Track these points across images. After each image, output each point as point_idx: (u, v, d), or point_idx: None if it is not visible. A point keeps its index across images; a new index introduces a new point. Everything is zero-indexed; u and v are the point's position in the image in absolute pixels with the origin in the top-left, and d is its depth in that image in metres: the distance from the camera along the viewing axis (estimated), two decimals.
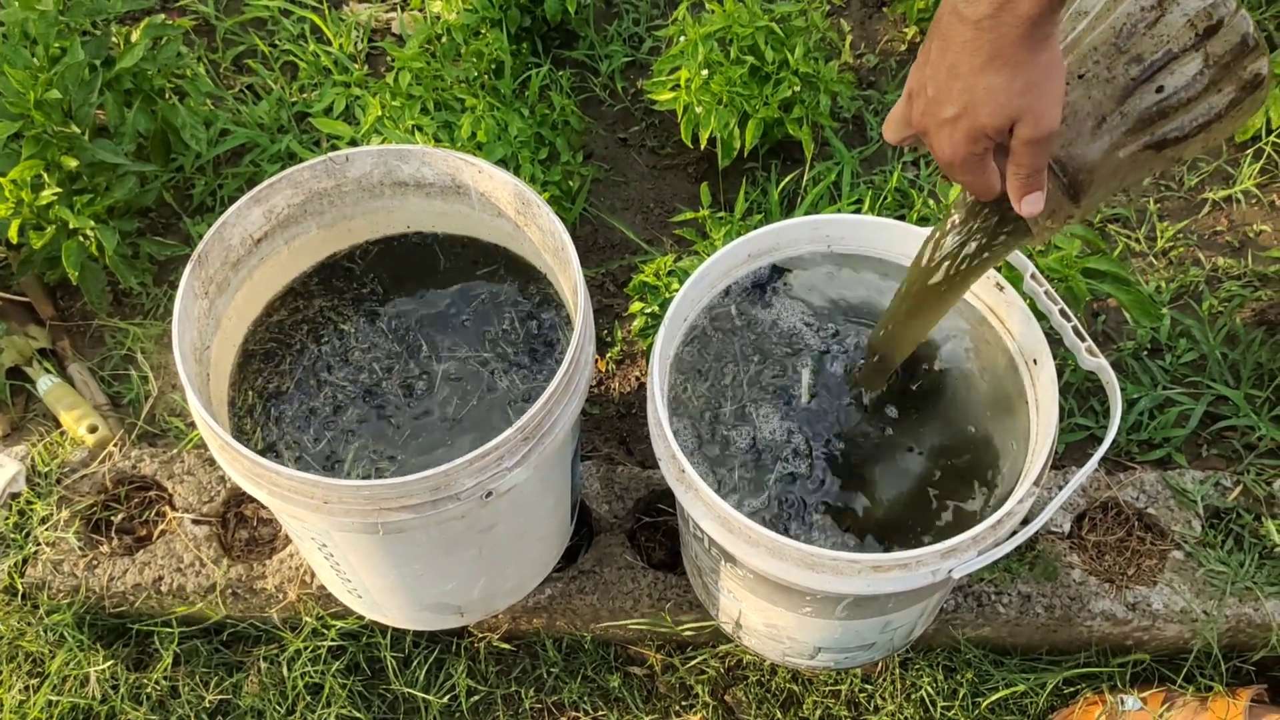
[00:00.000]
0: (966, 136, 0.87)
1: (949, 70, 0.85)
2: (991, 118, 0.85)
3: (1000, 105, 0.84)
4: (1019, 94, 0.84)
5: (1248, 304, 1.75)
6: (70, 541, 1.53)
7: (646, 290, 1.60)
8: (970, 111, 0.85)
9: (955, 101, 0.85)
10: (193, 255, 1.20)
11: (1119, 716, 1.42)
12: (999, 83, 0.83)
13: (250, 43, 2.09)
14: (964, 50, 0.83)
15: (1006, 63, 0.83)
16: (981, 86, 0.84)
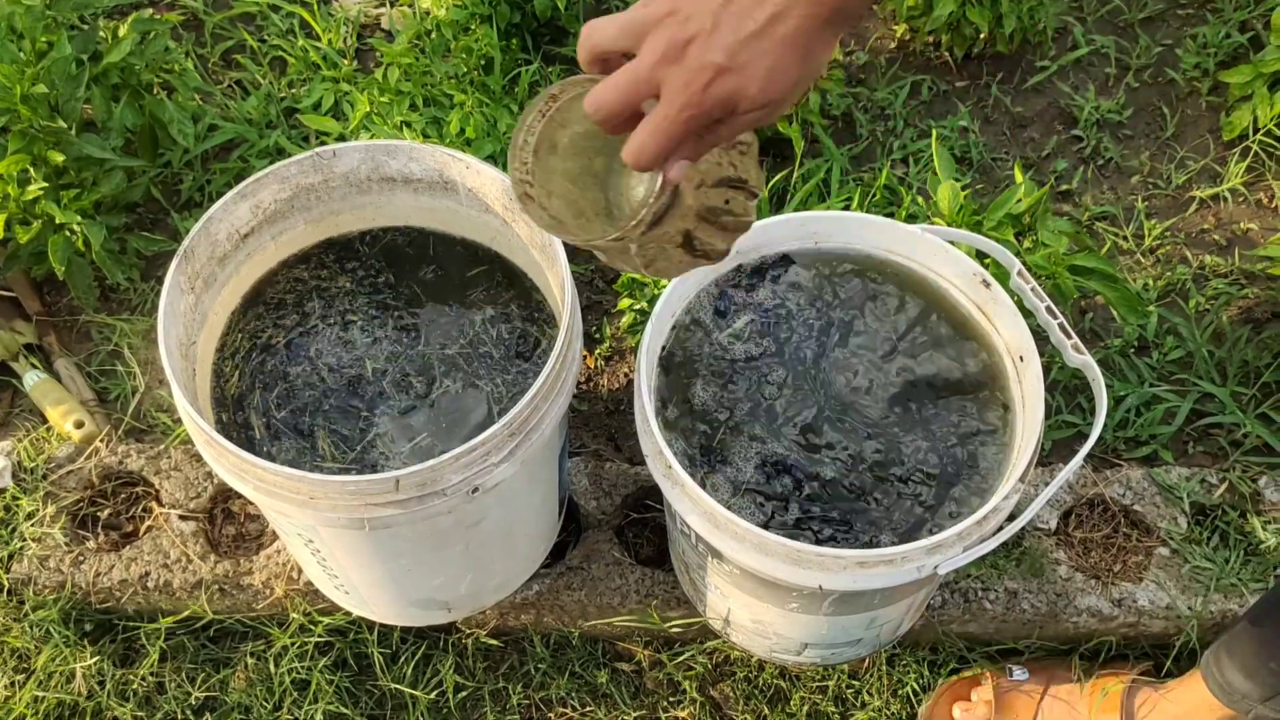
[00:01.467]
0: (726, 92, 0.78)
1: (742, 18, 0.76)
2: (765, 87, 0.78)
3: (777, 84, 0.78)
4: (795, 76, 0.79)
5: (1234, 302, 1.75)
6: (56, 537, 1.53)
7: (635, 287, 1.60)
8: (743, 70, 0.77)
9: (731, 52, 0.76)
10: (178, 251, 1.20)
11: (1006, 686, 1.43)
12: (788, 60, 0.77)
13: (239, 38, 2.08)
14: (763, 9, 0.76)
15: (802, 47, 0.77)
16: (771, 55, 0.77)
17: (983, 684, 1.45)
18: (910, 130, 1.96)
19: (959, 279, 1.28)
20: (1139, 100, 1.99)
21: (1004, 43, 1.97)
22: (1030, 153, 1.94)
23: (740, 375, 1.27)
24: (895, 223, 1.29)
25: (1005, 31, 1.93)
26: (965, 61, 2.04)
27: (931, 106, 2.00)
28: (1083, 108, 1.96)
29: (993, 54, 2.04)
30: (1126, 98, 1.99)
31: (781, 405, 1.25)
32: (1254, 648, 1.21)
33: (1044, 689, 1.43)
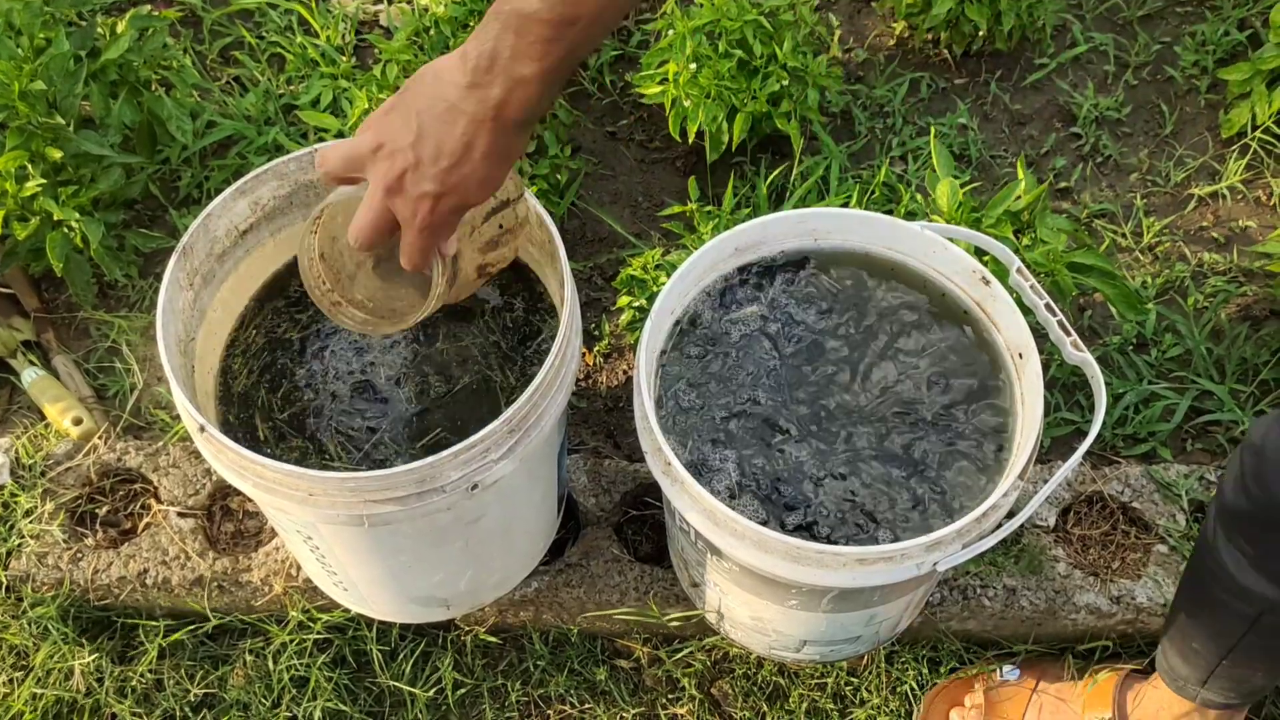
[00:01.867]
0: (451, 206, 0.95)
1: (438, 146, 0.91)
2: (479, 194, 0.95)
3: (488, 186, 0.95)
4: (500, 175, 0.95)
5: (1233, 299, 1.75)
6: (55, 534, 1.53)
7: (634, 284, 1.60)
8: (459, 189, 0.93)
9: (440, 180, 0.92)
10: (178, 247, 1.20)
11: (996, 685, 1.44)
12: (489, 169, 0.93)
13: (237, 34, 2.08)
14: (460, 139, 0.91)
15: (497, 153, 0.93)
16: (473, 171, 0.92)
17: (975, 689, 1.45)
18: (909, 128, 1.96)
19: (958, 276, 1.28)
20: (1138, 98, 1.99)
21: (1003, 40, 1.97)
22: (1029, 150, 1.94)
23: (739, 372, 1.27)
24: (895, 220, 1.29)
25: (1004, 29, 1.93)
26: (964, 59, 2.04)
27: (930, 104, 2.00)
28: (1081, 105, 1.96)
29: (991, 51, 2.04)
30: (1125, 95, 1.99)
31: (780, 401, 1.25)
32: (1179, 630, 1.23)
33: (1035, 686, 1.43)
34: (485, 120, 0.89)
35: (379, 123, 0.95)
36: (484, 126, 0.90)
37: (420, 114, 0.91)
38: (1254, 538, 1.06)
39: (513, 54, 0.86)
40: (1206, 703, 1.25)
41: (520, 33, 0.85)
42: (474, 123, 0.90)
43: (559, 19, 0.85)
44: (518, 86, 0.88)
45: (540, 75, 0.87)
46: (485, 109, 0.89)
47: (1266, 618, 1.09)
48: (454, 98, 0.89)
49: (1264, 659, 1.17)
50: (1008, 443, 1.21)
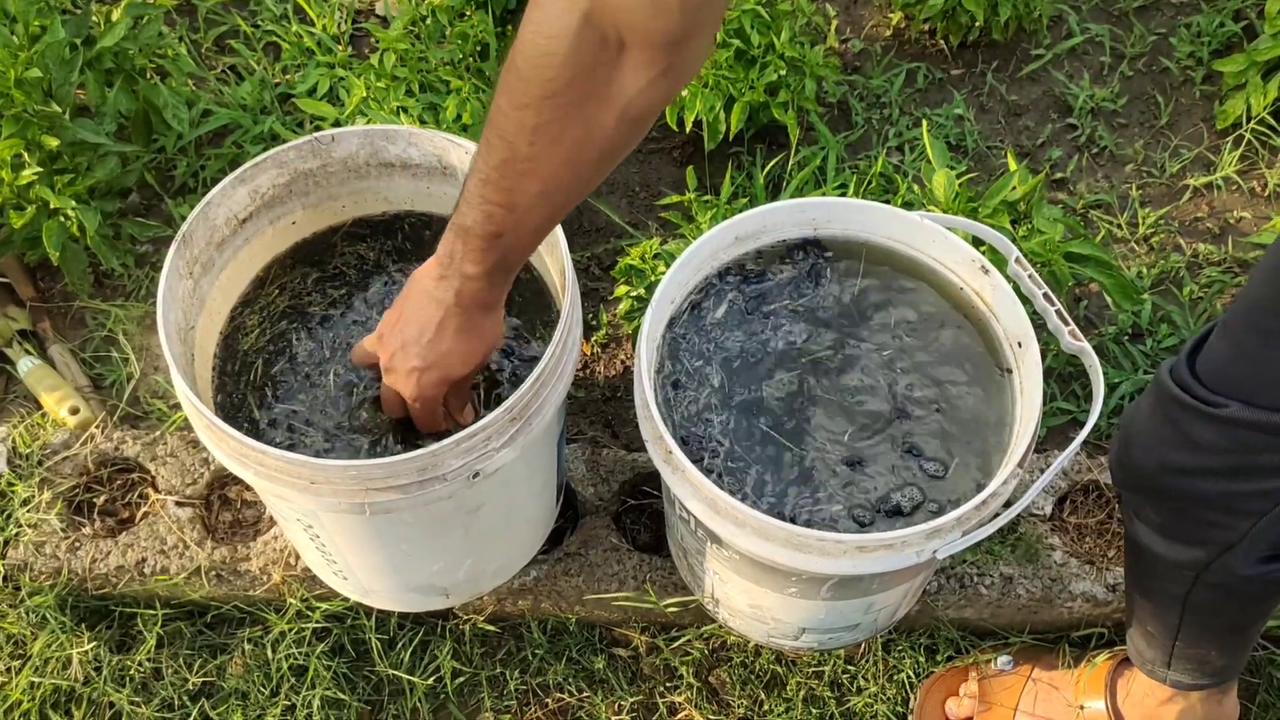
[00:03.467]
0: (431, 382, 1.12)
1: (419, 331, 1.10)
2: (462, 368, 1.12)
3: (469, 361, 1.12)
4: (480, 349, 1.13)
5: (1228, 290, 1.76)
6: (52, 523, 1.52)
7: (632, 273, 1.60)
8: (440, 365, 1.11)
9: (423, 356, 1.10)
10: (177, 235, 1.19)
11: (991, 675, 1.44)
12: (466, 345, 1.11)
13: (232, 23, 2.07)
14: (433, 321, 1.09)
15: (471, 331, 1.10)
16: (452, 347, 1.10)
17: (970, 678, 1.46)
18: (906, 118, 1.96)
19: (958, 265, 1.29)
20: (1133, 89, 2.00)
21: (999, 31, 1.97)
22: (1025, 141, 1.94)
23: (739, 361, 1.27)
24: (894, 209, 1.30)
25: (1000, 20, 1.93)
26: (960, 49, 2.05)
27: (927, 94, 2.00)
28: (1077, 96, 1.97)
29: (988, 42, 2.05)
30: (1121, 86, 2.00)
31: (779, 390, 1.25)
32: (1134, 615, 1.25)
33: (1029, 674, 1.44)
34: (450, 305, 1.07)
35: (385, 319, 1.15)
36: (450, 310, 1.08)
37: (406, 307, 1.11)
38: (1153, 508, 1.09)
39: (462, 256, 1.04)
40: (1177, 684, 1.26)
41: (464, 240, 1.04)
42: (442, 307, 1.08)
43: (488, 234, 1.02)
44: (468, 281, 1.05)
45: (483, 274, 1.05)
46: (449, 296, 1.07)
47: (1193, 595, 1.12)
48: (429, 288, 1.08)
49: (1210, 637, 1.19)
50: (1007, 431, 1.22)
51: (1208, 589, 1.10)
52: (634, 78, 0.90)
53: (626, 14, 0.86)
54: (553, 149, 0.95)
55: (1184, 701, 1.28)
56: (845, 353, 1.27)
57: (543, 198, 1.00)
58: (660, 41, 0.88)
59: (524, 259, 1.09)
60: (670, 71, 0.90)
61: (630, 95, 0.91)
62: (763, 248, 1.33)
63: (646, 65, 0.89)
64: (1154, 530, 1.11)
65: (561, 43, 0.88)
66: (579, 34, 0.87)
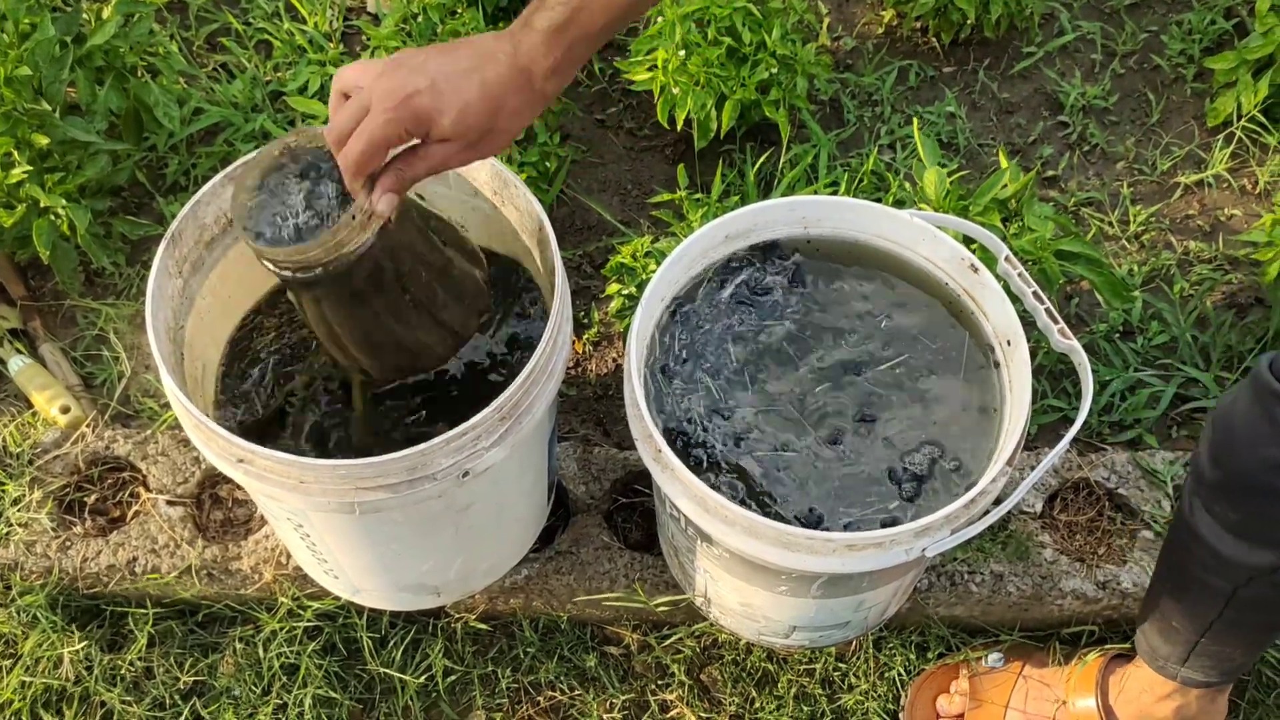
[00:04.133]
0: (423, 114, 0.93)
1: (453, 61, 0.94)
2: (454, 125, 0.95)
3: (475, 119, 0.95)
4: (484, 129, 0.96)
5: (1218, 287, 1.77)
6: (43, 523, 1.52)
7: (624, 271, 1.60)
8: (448, 99, 0.93)
9: (437, 84, 0.93)
10: (166, 234, 1.19)
11: (982, 672, 1.45)
12: (499, 102, 0.95)
13: (223, 20, 2.07)
14: (473, 59, 0.95)
15: (512, 90, 0.97)
16: (483, 94, 0.94)
17: (960, 675, 1.46)
18: (897, 116, 1.96)
19: (947, 264, 1.29)
20: (1124, 86, 2.00)
21: (990, 29, 1.98)
22: (1016, 138, 1.95)
23: (729, 360, 1.27)
24: (884, 207, 1.30)
25: (992, 17, 1.93)
26: (952, 47, 2.05)
27: (919, 92, 2.00)
28: (1069, 94, 1.97)
29: (979, 40, 2.05)
30: (1112, 84, 2.00)
31: (769, 389, 1.25)
32: (1159, 609, 1.24)
33: (1020, 672, 1.44)
34: (505, 52, 0.94)
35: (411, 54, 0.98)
36: (503, 58, 0.95)
37: (446, 46, 0.97)
38: (1235, 506, 1.07)
39: (533, 10, 0.96)
40: (1188, 681, 1.26)
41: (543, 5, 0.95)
42: (492, 55, 0.94)
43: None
44: (530, 35, 0.95)
45: (551, 32, 0.95)
46: (505, 46, 0.95)
47: (1243, 591, 1.10)
48: (484, 39, 0.96)
49: (1242, 635, 1.19)
50: (996, 429, 1.22)
51: (1271, 588, 1.09)
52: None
53: None
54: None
55: (1181, 698, 1.29)
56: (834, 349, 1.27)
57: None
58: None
59: (592, 41, 1.00)
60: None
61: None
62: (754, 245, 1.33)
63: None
64: (1225, 529, 1.08)
65: None
66: None
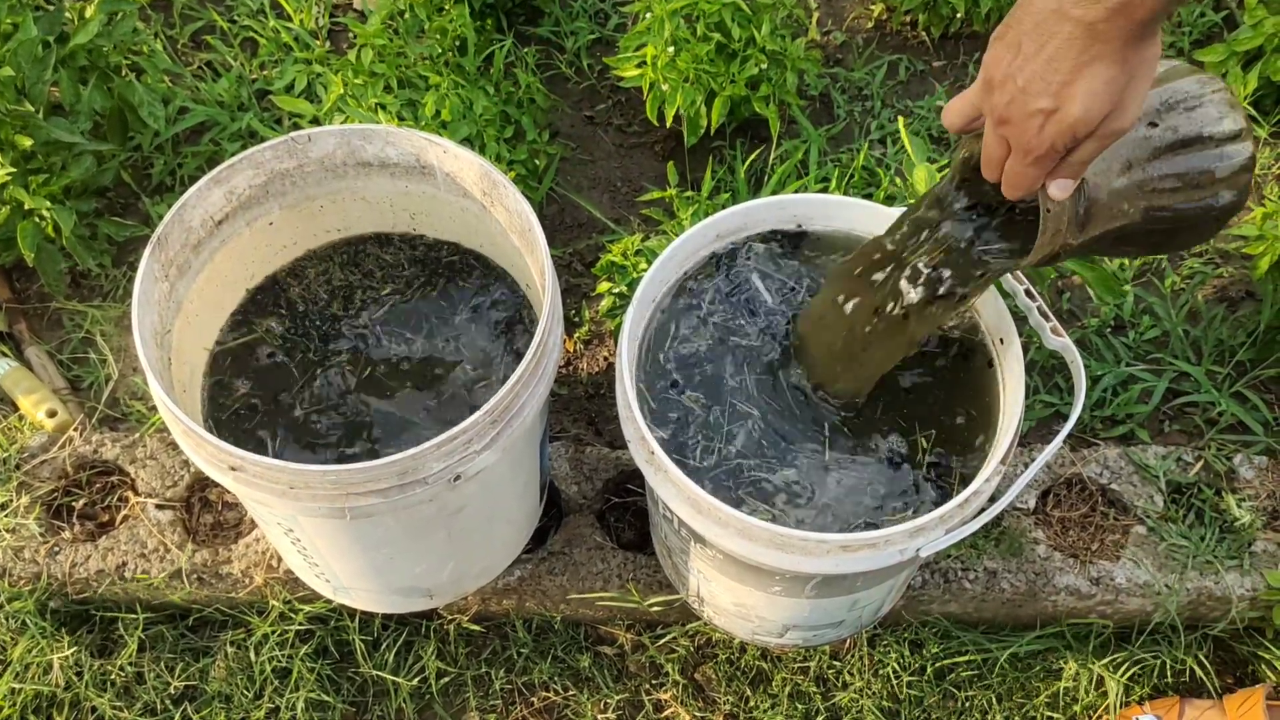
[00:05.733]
0: (1058, 130, 0.86)
1: (1048, 64, 0.83)
2: (1089, 113, 0.84)
3: (1101, 102, 0.83)
4: (1119, 90, 0.83)
5: (1209, 281, 1.77)
6: (31, 528, 1.51)
7: (614, 270, 1.59)
8: (1067, 105, 0.84)
9: (1053, 95, 0.84)
10: (152, 238, 1.18)
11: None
12: (1103, 81, 0.82)
13: (208, 18, 2.05)
14: (1069, 47, 0.81)
15: (1115, 61, 0.81)
16: (1084, 83, 0.82)
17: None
18: (888, 111, 1.95)
19: None
20: None
21: (980, 22, 1.97)
22: None
23: (722, 358, 1.26)
24: (875, 205, 1.29)
25: (981, 11, 1.93)
26: (942, 41, 2.04)
27: (909, 86, 1.99)
28: None
29: (969, 33, 2.04)
30: None
31: (762, 386, 1.24)
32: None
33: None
34: (1098, 23, 0.80)
35: (988, 60, 0.90)
36: (1098, 31, 0.80)
37: (1025, 35, 0.84)
38: None
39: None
40: None
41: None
42: (1083, 27, 0.80)
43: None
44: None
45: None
46: (1096, 11, 0.79)
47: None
48: (1065, 6, 0.81)
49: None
50: (990, 427, 1.22)
51: None
52: None
53: None
54: None
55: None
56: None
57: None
58: None
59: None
60: None
61: None
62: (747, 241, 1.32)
63: None
64: None
65: None
66: None
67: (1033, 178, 0.92)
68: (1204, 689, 1.50)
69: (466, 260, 1.39)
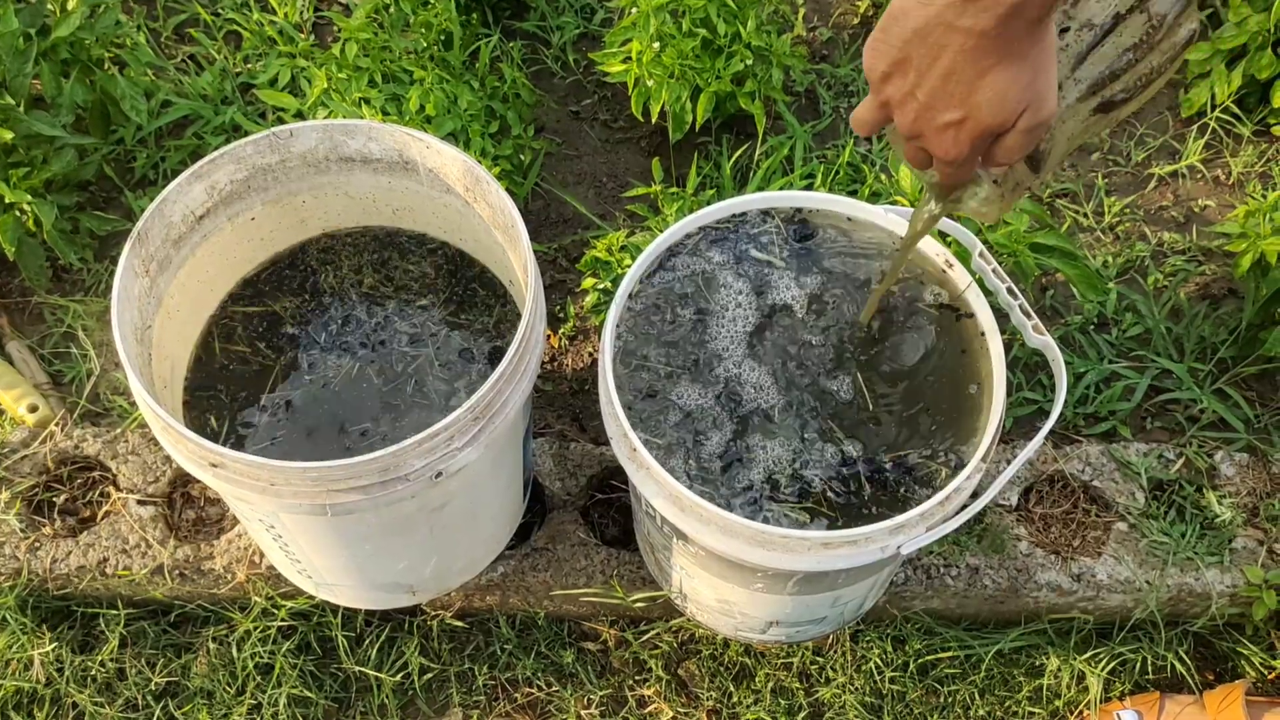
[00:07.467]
0: (972, 137, 0.85)
1: (946, 78, 0.83)
2: (999, 116, 0.84)
3: (1010, 104, 0.83)
4: (1025, 88, 0.83)
5: (1192, 278, 1.77)
6: (11, 523, 1.50)
7: (599, 266, 1.59)
8: (976, 113, 0.84)
9: (958, 105, 0.84)
10: (132, 233, 1.17)
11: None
12: (1008, 83, 0.82)
13: (192, 11, 2.04)
14: (964, 58, 0.81)
15: (1015, 60, 0.81)
16: (988, 89, 0.82)
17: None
18: None
19: (922, 260, 1.28)
20: None
21: None
22: None
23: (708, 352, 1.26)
24: (859, 202, 1.29)
25: None
26: None
27: None
28: None
29: None
30: None
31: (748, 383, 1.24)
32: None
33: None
34: (987, 29, 0.79)
35: (871, 74, 0.88)
36: (988, 37, 0.79)
37: (914, 48, 0.83)
38: None
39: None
40: None
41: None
42: (974, 35, 0.80)
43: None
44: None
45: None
46: (985, 20, 0.79)
47: None
48: (948, 17, 0.80)
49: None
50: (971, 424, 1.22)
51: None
52: None
53: None
54: None
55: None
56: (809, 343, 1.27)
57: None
58: None
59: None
60: None
61: None
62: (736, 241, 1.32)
63: None
64: None
65: None
66: None
67: (965, 174, 0.92)
68: (1184, 685, 1.51)
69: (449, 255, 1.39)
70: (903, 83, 0.85)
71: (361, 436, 1.25)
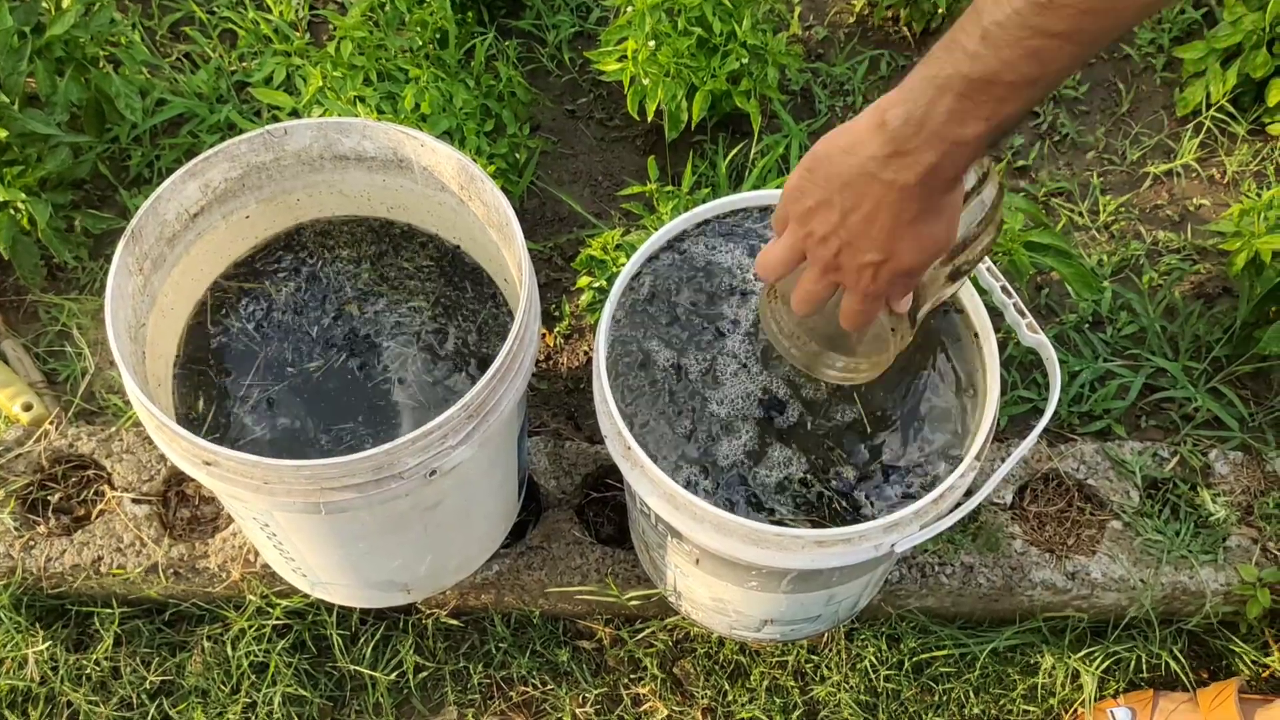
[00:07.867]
0: (891, 276, 0.90)
1: (868, 222, 0.87)
2: (919, 259, 0.89)
3: (928, 249, 0.89)
4: (942, 234, 0.89)
5: (1187, 277, 1.78)
6: (6, 522, 1.50)
7: (594, 264, 1.59)
8: (897, 257, 0.88)
9: (880, 249, 0.88)
10: (126, 231, 1.17)
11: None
12: (928, 233, 0.87)
13: (187, 9, 2.03)
14: (884, 209, 0.85)
15: (932, 212, 0.86)
16: (909, 236, 0.87)
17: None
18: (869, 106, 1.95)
19: None
20: (1095, 76, 2.00)
21: None
22: None
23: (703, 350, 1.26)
24: None
25: (964, 6, 1.92)
26: (924, 36, 2.04)
27: (890, 82, 2.00)
28: None
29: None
30: (1082, 74, 2.00)
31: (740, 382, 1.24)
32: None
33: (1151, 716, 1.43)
34: (909, 185, 0.83)
35: (799, 212, 0.92)
36: (910, 192, 0.84)
37: (838, 193, 0.87)
38: None
39: (950, 118, 0.80)
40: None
41: (966, 96, 0.79)
42: (896, 189, 0.84)
43: (1021, 79, 0.78)
44: (954, 149, 0.81)
45: (986, 134, 0.81)
46: (908, 176, 0.83)
47: None
48: (872, 168, 0.84)
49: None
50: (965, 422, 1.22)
51: None
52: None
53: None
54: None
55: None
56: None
57: (1118, 16, 0.77)
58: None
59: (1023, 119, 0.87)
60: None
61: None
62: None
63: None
64: None
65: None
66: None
67: (872, 312, 0.96)
68: (1178, 683, 1.52)
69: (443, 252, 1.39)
70: (828, 218, 0.89)
71: (353, 434, 1.25)
